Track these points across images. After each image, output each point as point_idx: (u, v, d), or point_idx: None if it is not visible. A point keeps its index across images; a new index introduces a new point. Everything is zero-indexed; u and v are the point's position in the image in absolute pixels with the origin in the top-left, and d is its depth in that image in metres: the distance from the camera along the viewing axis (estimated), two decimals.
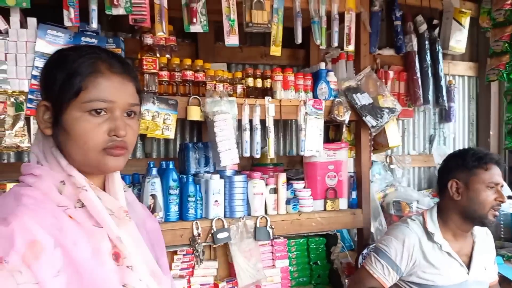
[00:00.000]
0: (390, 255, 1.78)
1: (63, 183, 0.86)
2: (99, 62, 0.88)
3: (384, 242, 1.83)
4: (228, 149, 2.02)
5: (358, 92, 2.29)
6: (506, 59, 2.82)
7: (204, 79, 2.08)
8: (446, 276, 1.77)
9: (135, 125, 0.93)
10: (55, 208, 0.83)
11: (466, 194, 1.78)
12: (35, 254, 0.75)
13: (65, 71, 0.86)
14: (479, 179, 1.76)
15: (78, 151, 0.87)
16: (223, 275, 2.24)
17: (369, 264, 1.82)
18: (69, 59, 0.88)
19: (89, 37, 1.78)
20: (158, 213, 1.94)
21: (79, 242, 0.82)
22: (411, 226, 1.83)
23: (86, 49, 0.91)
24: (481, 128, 3.45)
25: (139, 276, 0.88)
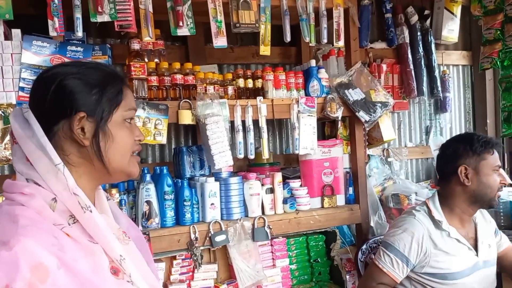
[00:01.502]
0: (398, 248, 1.76)
1: (54, 201, 0.86)
2: (121, 75, 1.02)
3: (391, 235, 1.81)
4: (222, 152, 2.02)
5: (350, 88, 2.28)
6: (499, 46, 2.81)
7: (194, 82, 2.07)
8: (458, 262, 1.77)
9: None
10: (52, 227, 0.83)
11: (476, 179, 1.79)
12: (41, 278, 0.75)
13: (106, 85, 0.93)
14: (487, 163, 1.79)
15: (120, 156, 0.94)
16: (224, 277, 2.24)
17: (378, 259, 1.81)
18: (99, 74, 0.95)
19: (75, 46, 1.78)
20: (154, 219, 1.93)
21: (79, 259, 0.82)
22: (418, 217, 1.82)
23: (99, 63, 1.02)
24: (477, 116, 3.43)
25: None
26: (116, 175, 0.97)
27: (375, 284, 1.78)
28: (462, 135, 1.95)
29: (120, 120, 0.95)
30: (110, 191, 1.88)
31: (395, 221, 1.92)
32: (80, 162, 0.92)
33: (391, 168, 3.08)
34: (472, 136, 1.85)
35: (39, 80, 0.94)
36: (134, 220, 1.98)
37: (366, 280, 1.84)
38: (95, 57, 1.84)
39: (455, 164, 1.81)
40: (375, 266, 1.81)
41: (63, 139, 0.91)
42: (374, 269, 1.81)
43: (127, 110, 0.96)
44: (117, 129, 0.94)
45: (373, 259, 1.87)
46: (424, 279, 1.79)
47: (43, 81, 0.92)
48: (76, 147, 0.91)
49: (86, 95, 0.91)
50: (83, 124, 0.90)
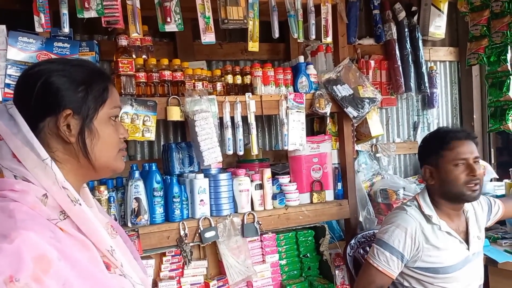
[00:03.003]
0: (393, 245, 1.75)
1: (45, 196, 0.87)
2: (107, 73, 1.03)
3: (385, 232, 1.79)
4: (211, 148, 2.02)
5: (338, 84, 2.29)
6: (485, 42, 2.84)
7: (182, 78, 2.07)
8: (450, 256, 1.78)
9: None
10: (47, 221, 0.84)
11: (438, 177, 1.81)
12: (44, 269, 0.76)
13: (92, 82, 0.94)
14: (445, 159, 1.78)
15: (107, 153, 0.95)
16: (214, 273, 2.24)
17: (373, 258, 1.78)
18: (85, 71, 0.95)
19: (62, 42, 1.76)
20: (143, 216, 1.93)
21: (76, 252, 0.83)
22: (409, 212, 1.82)
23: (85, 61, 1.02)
24: (464, 112, 3.47)
25: (133, 283, 0.93)
26: (102, 172, 0.99)
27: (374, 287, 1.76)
28: (426, 135, 1.96)
29: (105, 117, 0.95)
30: (98, 188, 1.87)
31: (387, 217, 1.91)
32: (66, 159, 0.93)
33: (379, 163, 3.11)
34: (431, 135, 1.88)
35: (24, 77, 0.94)
36: (123, 217, 1.97)
37: (361, 280, 1.80)
38: (82, 54, 1.82)
39: (421, 165, 1.88)
40: (370, 267, 1.77)
41: (49, 136, 0.91)
42: (370, 270, 1.77)
43: (112, 108, 0.97)
44: (102, 126, 0.95)
45: (366, 258, 1.83)
46: (417, 274, 1.80)
47: (29, 77, 0.92)
48: (62, 144, 0.92)
49: (72, 93, 0.92)
50: (69, 121, 0.91)
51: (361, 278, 1.82)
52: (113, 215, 1.90)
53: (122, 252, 0.95)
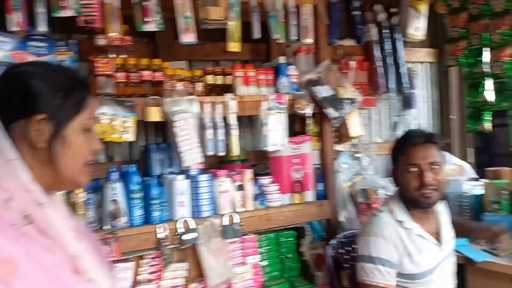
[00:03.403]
0: (380, 256, 1.69)
1: (8, 201, 0.84)
2: (87, 82, 1.00)
3: (367, 246, 1.73)
4: (191, 149, 2.00)
5: (318, 85, 2.30)
6: (463, 44, 2.88)
7: (162, 78, 2.04)
8: (425, 259, 1.76)
9: None
10: (10, 226, 0.82)
11: (397, 180, 1.84)
12: (11, 271, 0.74)
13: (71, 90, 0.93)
14: (401, 164, 1.79)
15: (73, 164, 0.93)
16: (194, 275, 2.22)
17: (367, 276, 1.70)
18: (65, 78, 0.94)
19: (38, 41, 1.73)
20: (122, 218, 1.90)
21: (41, 256, 0.82)
22: (382, 219, 1.78)
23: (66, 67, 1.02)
24: (443, 113, 3.51)
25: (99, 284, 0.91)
26: (65, 183, 0.96)
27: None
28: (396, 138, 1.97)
29: (79, 127, 0.93)
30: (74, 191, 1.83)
31: (362, 228, 1.85)
32: (32, 165, 0.90)
33: (360, 163, 3.13)
34: (397, 138, 1.91)
35: (4, 76, 0.92)
36: (101, 219, 1.94)
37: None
38: (59, 53, 1.79)
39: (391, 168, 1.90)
40: (370, 286, 1.69)
41: (18, 138, 0.88)
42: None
43: (88, 119, 0.95)
44: (75, 136, 0.93)
45: (361, 280, 1.73)
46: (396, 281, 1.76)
47: (8, 77, 0.91)
48: (31, 149, 0.89)
49: (50, 98, 0.90)
50: (42, 126, 0.89)
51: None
52: (91, 217, 1.87)
53: (90, 257, 0.93)
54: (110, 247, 1.82)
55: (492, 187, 2.63)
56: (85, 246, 0.95)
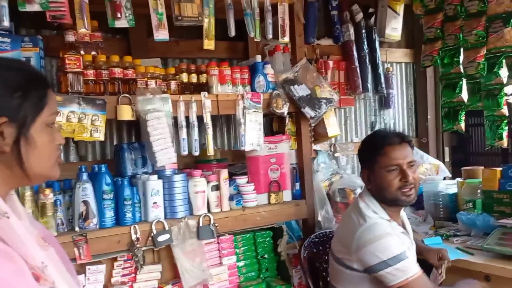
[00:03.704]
0: (398, 253, 1.65)
1: None
2: (45, 77, 0.97)
3: (380, 251, 1.66)
4: (164, 149, 1.96)
5: (295, 84, 2.28)
6: (439, 45, 2.91)
7: (134, 76, 1.99)
8: (412, 251, 1.78)
9: None
10: None
11: (374, 181, 1.80)
12: None
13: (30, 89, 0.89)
14: (379, 165, 1.77)
15: (42, 162, 0.91)
16: (168, 277, 2.18)
17: (402, 276, 1.64)
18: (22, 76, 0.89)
19: (1, 37, 1.65)
20: (92, 220, 1.85)
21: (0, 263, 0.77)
22: (377, 221, 1.74)
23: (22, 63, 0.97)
24: (419, 112, 3.55)
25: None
26: (36, 180, 0.95)
27: (434, 285, 1.71)
28: (365, 138, 1.95)
29: (43, 125, 0.91)
30: (43, 191, 1.77)
31: (357, 236, 1.73)
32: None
33: (338, 163, 3.13)
34: (368, 139, 1.90)
35: None
36: (70, 221, 1.88)
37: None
38: (25, 49, 1.72)
39: (361, 168, 1.88)
40: (413, 282, 1.64)
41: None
42: (418, 284, 1.65)
43: (50, 115, 0.92)
44: (39, 135, 0.90)
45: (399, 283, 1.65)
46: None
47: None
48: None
49: (7, 99, 0.85)
50: (3, 129, 0.85)
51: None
52: (60, 219, 1.81)
53: (55, 266, 0.89)
54: (81, 249, 1.77)
55: (466, 186, 2.66)
56: (50, 254, 0.91)
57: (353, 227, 1.78)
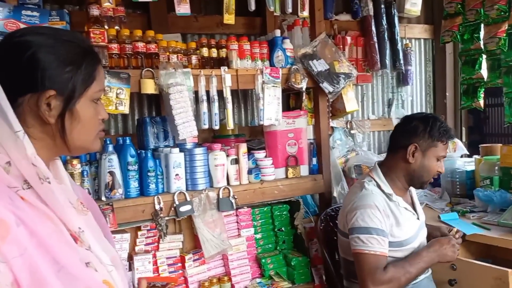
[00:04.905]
0: (375, 226, 1.74)
1: (9, 164, 0.84)
2: (96, 52, 0.96)
3: (359, 218, 1.77)
4: (186, 122, 2.00)
5: (314, 59, 2.29)
6: (459, 20, 2.88)
7: (156, 50, 2.02)
8: (408, 228, 1.86)
9: None
10: (6, 188, 0.81)
11: (420, 160, 1.86)
12: (2, 234, 0.74)
13: (81, 63, 0.90)
14: (436, 150, 1.86)
15: (85, 135, 0.93)
16: (189, 247, 2.25)
17: (364, 246, 1.73)
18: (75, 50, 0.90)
19: (30, 10, 1.69)
20: (118, 190, 1.91)
21: (37, 222, 0.81)
22: (372, 192, 1.84)
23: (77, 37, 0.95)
24: (437, 89, 3.53)
25: (100, 260, 0.91)
26: (77, 151, 0.97)
27: (381, 272, 1.70)
28: (427, 115, 1.96)
29: (88, 100, 0.92)
30: (71, 162, 1.83)
31: (351, 202, 1.85)
32: (41, 137, 0.90)
33: (354, 140, 3.15)
34: (435, 120, 1.88)
35: (9, 44, 0.88)
36: (97, 191, 1.95)
37: (371, 274, 1.70)
38: (52, 23, 1.76)
39: (409, 140, 1.87)
40: (366, 255, 1.72)
41: (27, 112, 0.87)
42: (368, 259, 1.72)
43: (97, 91, 0.94)
44: (84, 110, 0.91)
45: (357, 250, 1.75)
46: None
47: (14, 46, 0.87)
48: (40, 123, 0.88)
49: (59, 73, 0.87)
50: (51, 101, 0.87)
51: (363, 270, 1.73)
52: (87, 189, 1.88)
53: (91, 232, 0.92)
54: (107, 218, 1.84)
55: (484, 163, 2.66)
56: (87, 219, 0.95)
57: (351, 196, 1.90)
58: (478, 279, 1.88)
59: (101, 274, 0.88)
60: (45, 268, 0.78)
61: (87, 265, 0.87)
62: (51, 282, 0.78)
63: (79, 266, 0.85)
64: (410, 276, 1.73)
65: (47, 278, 0.78)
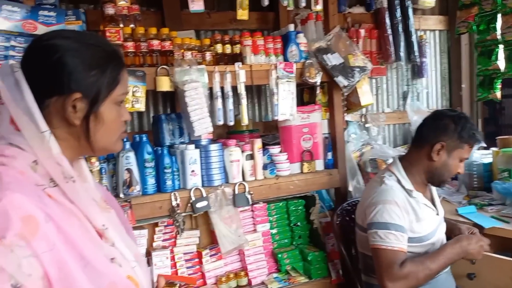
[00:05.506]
0: (394, 221, 1.73)
1: (36, 163, 0.86)
2: (120, 55, 0.98)
3: (378, 213, 1.76)
4: (201, 118, 2.00)
5: (328, 53, 2.28)
6: (475, 10, 2.83)
7: (171, 48, 2.03)
8: (428, 224, 1.84)
9: None
10: (34, 186, 0.84)
11: (443, 159, 1.83)
12: (32, 231, 0.76)
13: (106, 67, 0.92)
14: (461, 152, 1.83)
15: (108, 137, 0.95)
16: (206, 243, 2.27)
17: (382, 241, 1.72)
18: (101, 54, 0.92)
19: (47, 11, 1.71)
20: (135, 187, 1.93)
21: (64, 219, 0.83)
22: (392, 186, 1.82)
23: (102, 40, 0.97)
24: (453, 81, 3.49)
25: (124, 256, 0.93)
26: (100, 152, 1.00)
27: (398, 267, 1.68)
28: (459, 115, 1.88)
29: (112, 103, 0.94)
30: (89, 160, 1.85)
31: (370, 197, 1.84)
32: (66, 138, 0.92)
33: (369, 133, 3.13)
34: (467, 121, 1.84)
35: (38, 47, 0.90)
36: (115, 188, 1.97)
37: (388, 269, 1.68)
38: (69, 23, 1.78)
39: (437, 138, 1.82)
40: (384, 251, 1.71)
41: (53, 113, 0.89)
42: (386, 254, 1.71)
43: (120, 94, 0.95)
44: (108, 112, 0.93)
45: (375, 246, 1.75)
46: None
47: (42, 49, 0.89)
48: (65, 124, 0.91)
49: (84, 76, 0.89)
50: (76, 104, 0.89)
51: (380, 265, 1.72)
52: (105, 186, 1.90)
53: (114, 229, 0.95)
54: (125, 214, 1.86)
55: (501, 155, 2.63)
56: (111, 216, 0.97)
57: (370, 191, 1.88)
58: (497, 273, 1.87)
59: (125, 270, 0.90)
60: (72, 263, 0.80)
61: (112, 260, 0.88)
62: (78, 277, 0.80)
63: (104, 262, 0.87)
64: (430, 272, 1.70)
65: (74, 273, 0.80)
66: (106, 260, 0.87)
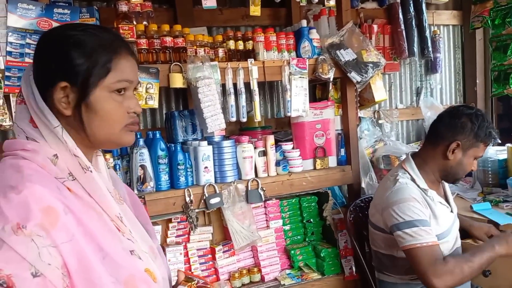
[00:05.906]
0: (418, 217, 1.70)
1: (56, 157, 0.88)
2: (119, 43, 0.93)
3: (401, 213, 1.72)
4: (214, 115, 2.01)
5: (341, 48, 2.26)
6: (490, 5, 2.80)
7: (184, 44, 2.04)
8: (443, 222, 1.83)
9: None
10: (54, 179, 0.85)
11: (459, 158, 1.81)
12: (52, 221, 0.78)
13: (92, 54, 0.88)
14: (477, 151, 1.82)
15: (105, 129, 0.91)
16: (219, 239, 2.28)
17: (415, 240, 1.67)
18: (88, 41, 0.89)
19: (62, 8, 1.73)
20: (149, 183, 1.94)
21: (83, 211, 0.85)
22: (408, 186, 1.80)
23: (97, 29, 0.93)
24: (467, 77, 3.44)
25: (141, 249, 0.94)
26: (102, 145, 0.96)
27: (441, 262, 1.63)
28: (476, 113, 1.83)
29: (107, 92, 0.89)
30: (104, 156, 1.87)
31: (386, 198, 1.80)
32: (69, 130, 0.91)
33: (381, 130, 3.11)
34: (484, 120, 1.80)
35: (36, 44, 0.93)
36: (129, 184, 1.99)
37: (431, 266, 1.62)
38: (83, 20, 1.79)
39: (453, 137, 1.80)
40: (420, 249, 1.66)
41: (52, 106, 0.89)
42: (423, 251, 1.65)
43: (115, 82, 0.90)
44: (101, 102, 0.89)
45: (408, 246, 1.69)
46: None
47: (36, 45, 0.92)
48: (63, 116, 0.90)
49: (72, 65, 0.87)
50: (68, 93, 0.88)
51: (420, 264, 1.65)
52: None
53: (128, 220, 0.95)
54: None
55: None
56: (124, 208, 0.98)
57: (384, 190, 1.85)
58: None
59: (145, 263, 0.91)
60: (91, 255, 0.81)
61: (131, 253, 0.89)
62: (97, 269, 0.81)
63: (123, 254, 0.87)
64: (473, 266, 1.63)
65: (93, 264, 0.81)
66: (125, 253, 0.88)
